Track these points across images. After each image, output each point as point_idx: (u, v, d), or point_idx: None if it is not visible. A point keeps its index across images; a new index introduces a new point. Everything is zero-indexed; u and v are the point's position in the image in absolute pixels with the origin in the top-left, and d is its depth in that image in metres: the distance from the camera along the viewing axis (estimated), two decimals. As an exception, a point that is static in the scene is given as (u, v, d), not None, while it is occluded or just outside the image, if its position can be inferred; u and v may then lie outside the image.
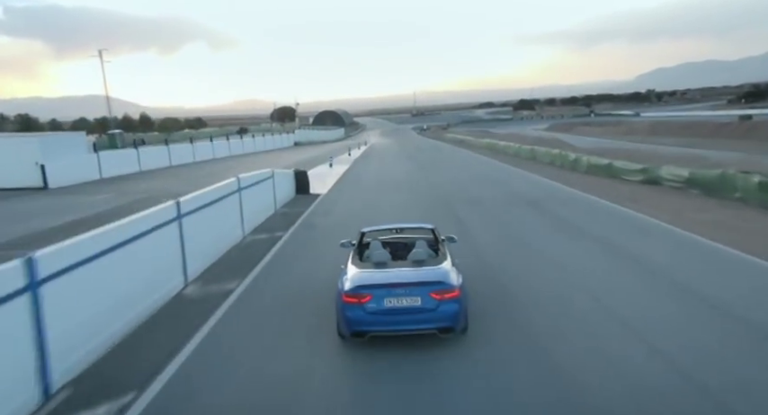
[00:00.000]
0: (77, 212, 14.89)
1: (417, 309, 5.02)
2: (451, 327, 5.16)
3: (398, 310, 5.04)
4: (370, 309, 5.06)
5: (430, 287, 5.08)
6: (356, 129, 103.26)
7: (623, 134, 67.48)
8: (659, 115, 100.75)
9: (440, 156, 29.81)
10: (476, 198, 15.35)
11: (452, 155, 30.52)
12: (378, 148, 43.35)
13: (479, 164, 26.05)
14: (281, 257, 9.41)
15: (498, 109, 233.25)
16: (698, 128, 64.33)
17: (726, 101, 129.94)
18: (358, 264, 5.74)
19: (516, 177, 20.90)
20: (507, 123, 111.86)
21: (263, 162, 26.46)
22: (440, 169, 24.09)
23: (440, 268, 5.46)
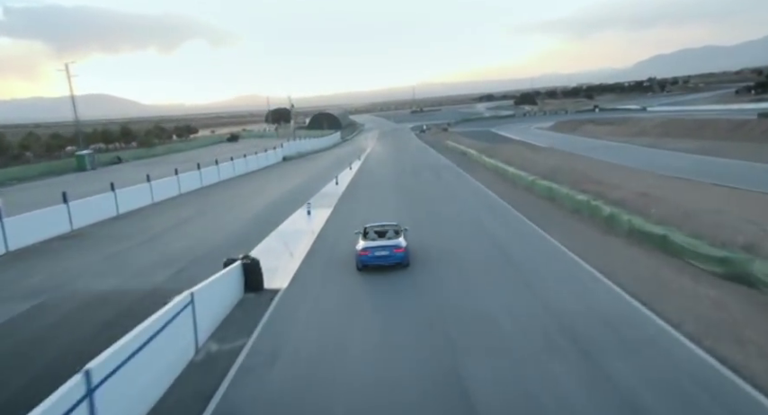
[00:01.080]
0: None
1: (387, 256, 12.62)
2: (401, 263, 12.85)
3: (380, 257, 12.59)
4: (369, 256, 12.64)
5: (392, 247, 12.71)
6: (353, 131, 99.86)
7: (633, 135, 64.11)
8: (667, 110, 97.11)
9: (438, 189, 24.75)
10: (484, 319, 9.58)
11: (453, 190, 25.09)
12: (372, 166, 39.91)
13: (486, 211, 20.16)
14: None
15: (499, 102, 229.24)
16: (713, 128, 60.92)
17: (734, 92, 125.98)
18: (363, 239, 13.39)
19: (539, 251, 14.45)
20: (509, 120, 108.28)
21: (244, 199, 23.31)
22: (438, 220, 18.36)
23: (397, 240, 13.12)
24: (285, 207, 22.22)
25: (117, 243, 17.48)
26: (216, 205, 24.62)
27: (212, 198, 27.19)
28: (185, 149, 64.82)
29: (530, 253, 13.93)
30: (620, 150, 49.65)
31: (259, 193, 27.59)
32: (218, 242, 15.85)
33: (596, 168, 39.39)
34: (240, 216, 20.45)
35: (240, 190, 29.68)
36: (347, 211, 21.21)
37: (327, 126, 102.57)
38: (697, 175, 31.91)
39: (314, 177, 31.87)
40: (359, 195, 24.49)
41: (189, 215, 22.70)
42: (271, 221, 18.80)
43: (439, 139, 72.94)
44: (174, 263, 14.01)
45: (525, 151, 56.16)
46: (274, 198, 24.73)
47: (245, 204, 24.07)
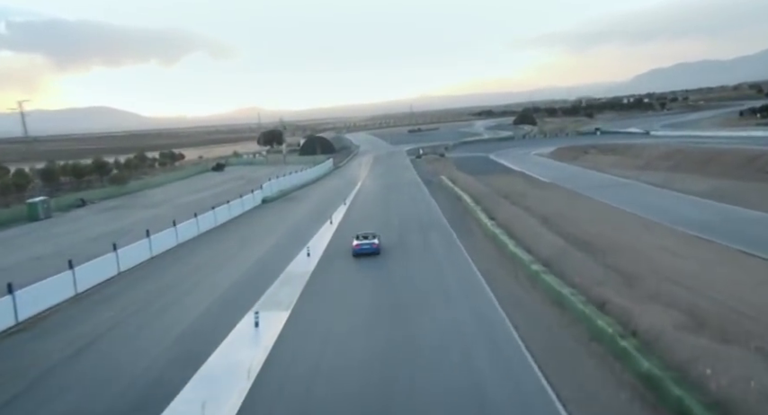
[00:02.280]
0: None
1: (368, 248, 23.90)
2: (377, 252, 24.03)
3: (364, 248, 23.87)
4: (358, 248, 23.93)
5: (371, 244, 24.06)
6: (347, 156, 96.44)
7: (640, 168, 60.49)
8: (671, 136, 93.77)
9: (423, 275, 20.16)
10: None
11: (441, 276, 20.05)
12: (356, 219, 35.95)
13: (478, 338, 14.23)
14: None
15: (498, 119, 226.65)
16: (724, 161, 57.30)
17: (738, 113, 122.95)
18: (356, 240, 24.61)
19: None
20: (508, 144, 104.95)
21: (177, 297, 19.19)
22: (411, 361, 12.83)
23: (374, 240, 24.43)
24: (226, 313, 16.97)
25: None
26: (138, 310, 18.31)
27: (138, 294, 20.55)
28: (164, 182, 61.06)
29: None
30: (628, 189, 45.99)
31: (201, 284, 21.30)
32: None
33: (604, 218, 35.74)
34: (152, 346, 14.54)
35: (180, 276, 22.78)
36: (310, 318, 16.19)
37: (321, 150, 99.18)
38: (721, 235, 28.16)
39: (283, 241, 27.83)
40: (330, 283, 20.06)
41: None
42: (194, 353, 13.44)
43: (435, 169, 69.39)
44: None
45: (524, 188, 52.62)
46: (218, 297, 19.19)
47: (173, 310, 18.16)
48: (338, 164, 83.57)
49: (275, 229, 31.24)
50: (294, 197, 46.65)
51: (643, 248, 27.05)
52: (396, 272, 20.81)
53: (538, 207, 41.05)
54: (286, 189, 50.40)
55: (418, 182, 53.03)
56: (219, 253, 25.99)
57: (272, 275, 20.83)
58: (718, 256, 25.08)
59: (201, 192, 50.83)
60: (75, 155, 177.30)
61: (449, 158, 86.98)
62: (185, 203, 43.04)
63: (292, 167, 78.00)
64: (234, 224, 33.53)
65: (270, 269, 21.84)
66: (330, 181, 62.87)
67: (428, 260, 22.09)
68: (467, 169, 72.12)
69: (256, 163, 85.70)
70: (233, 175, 68.20)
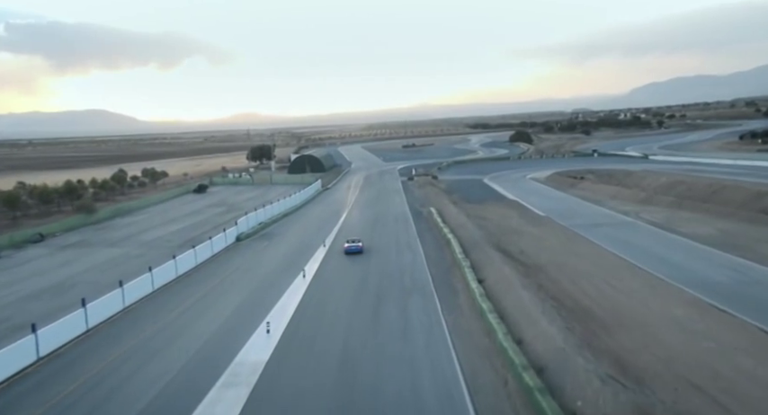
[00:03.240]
0: None
1: (355, 248, 33.98)
2: (361, 252, 33.98)
3: (352, 248, 33.96)
4: (347, 248, 34.03)
5: (357, 245, 34.19)
6: (338, 175, 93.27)
7: (641, 201, 57.66)
8: (671, 162, 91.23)
9: (395, 371, 16.72)
10: None
11: (413, 375, 16.56)
12: (339, 262, 32.90)
13: None
14: None
15: (495, 134, 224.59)
16: (729, 197, 54.61)
17: (738, 137, 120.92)
18: (346, 243, 34.97)
19: None
20: (503, 165, 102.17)
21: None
22: None
23: (359, 243, 34.54)
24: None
25: None
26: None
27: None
28: (139, 208, 57.50)
29: None
30: (629, 231, 42.99)
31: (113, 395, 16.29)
32: None
33: (605, 271, 32.61)
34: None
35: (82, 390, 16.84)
36: None
37: (310, 169, 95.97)
38: (738, 304, 25.15)
39: (243, 309, 24.36)
40: (285, 390, 15.86)
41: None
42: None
43: (426, 195, 66.37)
44: None
45: (518, 223, 49.59)
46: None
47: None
48: (327, 186, 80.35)
49: (237, 287, 27.73)
50: (272, 233, 43.27)
51: (652, 322, 23.93)
52: (363, 382, 16.87)
53: (532, 253, 38.02)
54: (267, 220, 47.09)
55: (406, 216, 49.86)
56: (157, 334, 21.39)
57: (213, 372, 17.25)
58: (737, 336, 21.98)
59: (174, 224, 47.38)
60: (61, 164, 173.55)
61: (441, 181, 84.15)
62: (151, 241, 39.64)
63: (278, 190, 74.86)
64: (196, 276, 30.04)
65: (213, 360, 18.29)
66: (315, 208, 59.55)
67: (405, 357, 18.45)
68: (459, 195, 69.21)
69: (242, 182, 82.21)
70: (214, 199, 64.77)
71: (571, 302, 26.72)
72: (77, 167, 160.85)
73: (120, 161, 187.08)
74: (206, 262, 32.82)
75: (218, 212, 54.79)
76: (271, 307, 23.82)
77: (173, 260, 29.22)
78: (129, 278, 27.62)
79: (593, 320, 23.88)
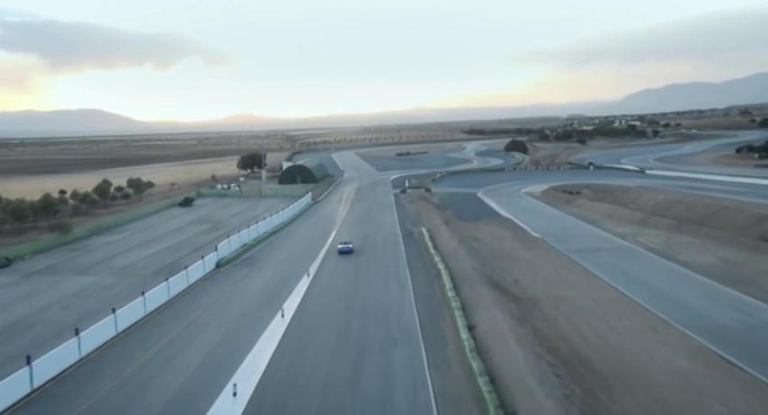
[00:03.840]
0: None
1: (347, 249, 41.74)
2: (351, 251, 41.62)
3: (344, 249, 41.76)
4: (340, 249, 41.91)
5: (349, 246, 42.10)
6: (329, 187, 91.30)
7: (638, 222, 56.15)
8: (668, 176, 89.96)
9: None
10: None
11: None
12: (322, 300, 30.91)
13: None
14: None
15: (490, 142, 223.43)
16: (729, 220, 53.17)
17: (734, 150, 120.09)
18: (340, 244, 42.99)
19: None
20: (498, 177, 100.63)
21: None
22: None
23: (350, 245, 42.58)
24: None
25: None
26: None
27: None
28: (120, 224, 55.25)
29: None
30: (626, 257, 41.37)
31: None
32: None
33: (603, 308, 30.86)
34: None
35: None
36: None
37: (301, 179, 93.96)
38: (746, 355, 23.47)
39: (210, 360, 22.23)
40: None
41: None
42: None
43: (418, 212, 64.56)
44: None
45: (512, 246, 47.78)
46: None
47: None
48: (317, 198, 78.39)
49: (208, 330, 25.49)
50: (254, 258, 41.23)
51: (657, 377, 22.14)
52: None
53: (527, 283, 36.24)
54: (251, 241, 45.11)
55: (397, 238, 48.02)
56: (112, 395, 18.49)
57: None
58: (749, 397, 20.23)
59: (153, 245, 45.21)
60: (49, 168, 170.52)
61: (435, 194, 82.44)
62: (126, 266, 37.46)
63: (267, 203, 72.78)
64: (166, 314, 27.87)
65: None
66: (303, 225, 57.58)
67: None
68: (452, 211, 67.40)
69: (230, 194, 80.00)
70: (199, 214, 62.58)
71: (568, 350, 24.91)
72: (66, 172, 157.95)
73: (110, 164, 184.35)
74: (180, 296, 30.74)
75: (202, 230, 52.68)
76: (242, 359, 21.79)
77: (141, 298, 27.12)
78: (93, 316, 25.61)
79: (594, 375, 22.07)
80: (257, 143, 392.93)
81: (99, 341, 22.89)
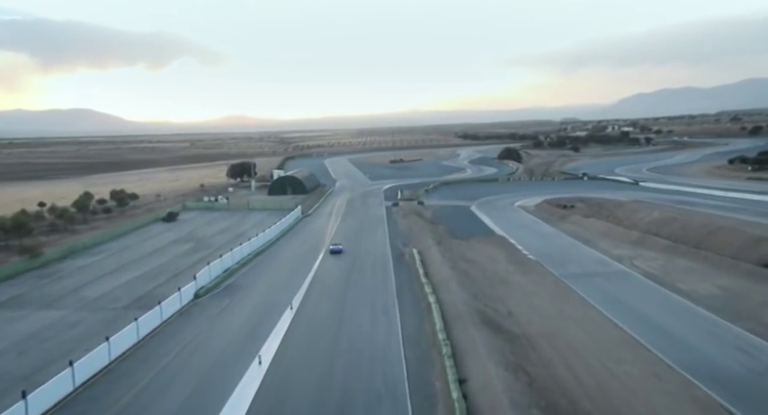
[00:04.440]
0: None
1: (337, 250, 49.81)
2: (341, 252, 49.63)
3: (335, 249, 49.83)
4: (331, 249, 50.12)
5: (339, 247, 50.33)
6: (320, 198, 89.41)
7: (634, 242, 54.78)
8: (662, 190, 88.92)
9: None
10: None
11: None
12: (303, 344, 28.82)
13: None
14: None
15: (484, 148, 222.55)
16: (726, 240, 52.00)
17: (727, 161, 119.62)
18: (330, 245, 51.76)
19: None
20: (492, 188, 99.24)
21: None
22: None
23: (340, 245, 51.08)
24: None
25: None
26: None
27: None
28: (97, 243, 52.87)
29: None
30: (624, 287, 39.86)
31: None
32: None
33: (601, 346, 29.23)
34: None
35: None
36: None
37: (291, 190, 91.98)
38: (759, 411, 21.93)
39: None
40: None
41: None
42: None
43: (410, 229, 62.83)
44: None
45: (506, 269, 46.13)
46: None
47: None
48: (307, 212, 76.45)
49: (173, 387, 23.16)
50: (236, 285, 39.19)
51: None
52: None
53: (521, 316, 34.55)
54: (234, 264, 43.19)
55: (387, 261, 46.33)
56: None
57: None
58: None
59: (129, 270, 42.95)
60: (35, 173, 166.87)
61: (428, 206, 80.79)
62: (97, 298, 35.17)
63: (255, 217, 70.68)
64: (131, 361, 25.61)
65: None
66: (290, 244, 55.61)
67: None
68: (445, 227, 65.64)
69: (217, 207, 77.78)
70: (183, 232, 60.34)
71: (567, 402, 23.27)
72: (51, 177, 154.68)
73: (97, 170, 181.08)
74: (151, 336, 28.68)
75: (184, 250, 50.55)
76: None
77: (105, 343, 25.06)
78: (51, 364, 23.51)
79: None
80: (250, 146, 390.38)
81: (50, 401, 20.72)
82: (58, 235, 57.62)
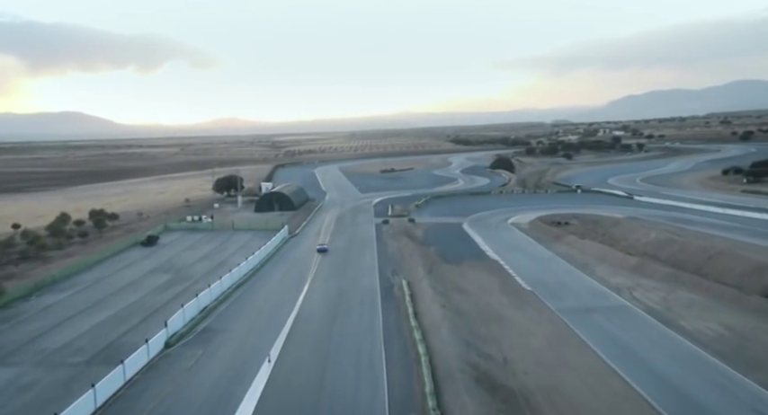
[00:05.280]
0: None
1: (323, 249, 60.69)
2: (326, 250, 60.73)
3: (322, 249, 60.79)
4: (319, 248, 61.07)
5: (324, 247, 61.17)
6: (309, 214, 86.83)
7: (632, 269, 52.67)
8: (657, 205, 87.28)
9: None
10: None
11: None
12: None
13: None
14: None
15: (477, 155, 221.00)
16: (727, 266, 50.35)
17: (721, 172, 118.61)
18: (317, 245, 62.64)
19: None
20: (485, 202, 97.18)
21: None
22: None
23: (326, 244, 62.41)
24: None
25: None
26: None
27: None
28: (64, 277, 49.13)
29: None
30: (626, 326, 37.72)
31: None
32: None
33: (603, 413, 26.99)
34: None
35: None
36: None
37: (279, 207, 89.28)
38: None
39: None
40: None
41: None
42: None
43: (399, 253, 60.47)
44: None
45: (500, 302, 43.80)
46: None
47: None
48: (294, 231, 73.82)
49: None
50: (211, 329, 36.34)
51: None
52: None
53: (518, 363, 32.09)
54: (210, 302, 40.56)
55: (374, 295, 43.94)
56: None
57: None
58: None
59: (99, 310, 39.86)
60: (17, 185, 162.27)
61: (419, 224, 78.48)
62: (57, 349, 31.82)
63: (240, 239, 67.88)
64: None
65: None
66: (274, 273, 52.97)
67: None
68: (436, 248, 63.18)
69: (201, 228, 74.78)
70: (161, 258, 57.34)
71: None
72: (32, 189, 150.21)
73: (81, 180, 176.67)
74: (109, 404, 25.94)
75: (161, 283, 47.71)
76: None
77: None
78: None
79: None
80: (240, 151, 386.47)
81: None
82: (30, 264, 54.53)
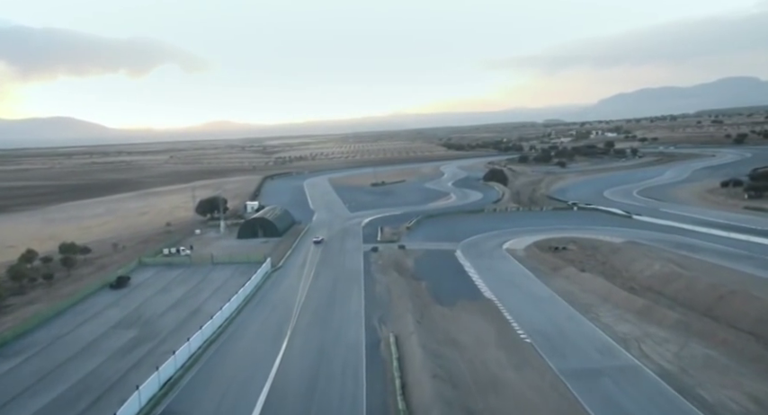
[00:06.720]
0: None
1: (318, 242, 79.58)
2: (322, 242, 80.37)
3: (317, 242, 79.60)
4: (315, 241, 79.65)
5: (320, 240, 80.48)
6: (294, 240, 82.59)
7: (640, 313, 48.59)
8: (657, 226, 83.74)
9: None
10: None
11: None
12: None
13: None
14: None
15: (469, 163, 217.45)
16: (740, 309, 47.05)
17: (719, 184, 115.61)
18: (313, 238, 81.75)
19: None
20: (478, 221, 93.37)
21: None
22: None
23: (321, 237, 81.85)
24: None
25: None
26: None
27: None
28: (16, 336, 43.07)
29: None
30: (637, 397, 33.82)
31: None
32: None
33: None
34: None
35: None
36: None
37: (263, 233, 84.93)
38: None
39: None
40: None
41: None
42: None
43: (388, 294, 56.43)
44: None
45: (497, 361, 39.91)
46: None
47: None
48: (277, 264, 69.57)
49: None
50: (172, 413, 32.26)
51: None
52: None
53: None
54: (187, 360, 36.76)
55: (359, 359, 39.76)
56: None
57: None
58: None
59: (45, 390, 35.17)
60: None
61: (409, 253, 74.50)
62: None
63: (219, 277, 63.47)
64: None
65: None
66: (251, 325, 48.70)
67: None
68: (428, 284, 59.15)
69: (177, 263, 70.13)
70: (129, 307, 52.76)
71: None
72: (9, 209, 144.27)
73: (65, 195, 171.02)
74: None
75: (123, 344, 43.23)
76: None
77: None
78: None
79: None
80: (231, 158, 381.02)
81: None
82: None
